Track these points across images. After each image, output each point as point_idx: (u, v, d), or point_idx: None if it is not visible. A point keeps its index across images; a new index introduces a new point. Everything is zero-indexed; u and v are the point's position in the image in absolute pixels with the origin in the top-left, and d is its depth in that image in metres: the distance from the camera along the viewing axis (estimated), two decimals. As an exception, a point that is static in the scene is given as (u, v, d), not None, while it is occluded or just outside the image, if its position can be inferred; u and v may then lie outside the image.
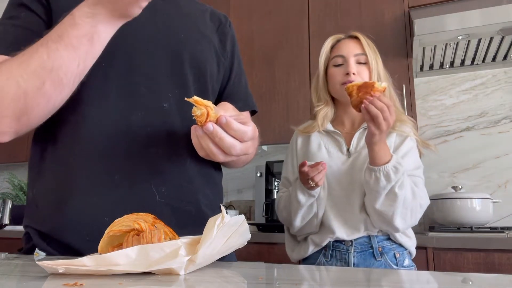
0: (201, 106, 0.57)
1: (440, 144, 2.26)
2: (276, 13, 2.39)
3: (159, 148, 0.73)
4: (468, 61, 2.18)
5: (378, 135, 1.00)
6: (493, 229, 1.70)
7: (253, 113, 0.93)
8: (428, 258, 1.60)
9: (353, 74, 1.15)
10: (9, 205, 2.80)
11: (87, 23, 0.59)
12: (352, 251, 1.12)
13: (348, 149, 1.19)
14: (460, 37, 1.91)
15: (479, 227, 1.76)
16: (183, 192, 0.75)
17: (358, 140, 1.19)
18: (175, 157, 0.74)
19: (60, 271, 0.47)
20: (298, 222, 1.14)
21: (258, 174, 2.24)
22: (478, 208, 1.81)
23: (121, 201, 0.69)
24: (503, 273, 1.37)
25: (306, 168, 1.04)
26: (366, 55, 1.18)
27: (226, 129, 0.59)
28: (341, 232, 1.12)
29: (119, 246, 0.55)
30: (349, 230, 1.12)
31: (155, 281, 0.44)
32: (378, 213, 1.07)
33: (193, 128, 0.63)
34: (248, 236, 0.58)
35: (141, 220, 0.55)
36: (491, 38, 1.93)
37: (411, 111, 1.95)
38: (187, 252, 0.49)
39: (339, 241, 1.14)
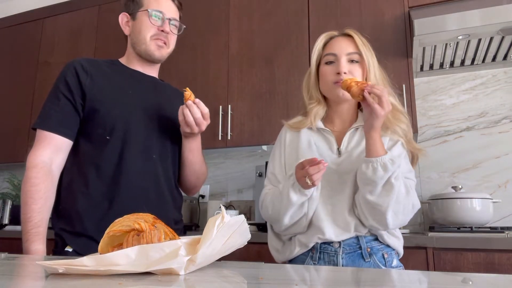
0: (189, 92, 1.16)
1: (440, 144, 2.26)
2: (276, 13, 2.39)
3: (150, 185, 1.20)
4: (468, 61, 2.18)
5: (381, 117, 1.01)
6: (493, 229, 1.70)
7: None
8: (428, 258, 1.60)
9: (344, 73, 1.13)
10: (9, 205, 2.80)
11: None
12: (341, 253, 1.10)
13: (338, 148, 1.17)
14: (460, 37, 1.91)
15: (479, 227, 1.75)
16: (163, 218, 1.01)
17: (350, 139, 1.17)
18: (159, 192, 1.22)
19: (60, 271, 0.47)
20: (286, 220, 1.11)
21: (258, 174, 2.24)
22: (478, 208, 1.81)
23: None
24: (503, 273, 1.37)
25: (306, 166, 1.01)
26: (359, 54, 1.15)
27: (197, 105, 1.17)
28: (330, 233, 1.09)
29: (119, 246, 0.54)
30: (338, 231, 1.09)
31: (155, 281, 0.44)
32: (372, 205, 1.04)
33: (181, 107, 1.17)
34: (248, 236, 0.58)
35: (141, 220, 0.55)
36: (491, 38, 1.93)
37: (411, 111, 1.95)
38: (187, 252, 0.49)
39: (327, 243, 1.11)
